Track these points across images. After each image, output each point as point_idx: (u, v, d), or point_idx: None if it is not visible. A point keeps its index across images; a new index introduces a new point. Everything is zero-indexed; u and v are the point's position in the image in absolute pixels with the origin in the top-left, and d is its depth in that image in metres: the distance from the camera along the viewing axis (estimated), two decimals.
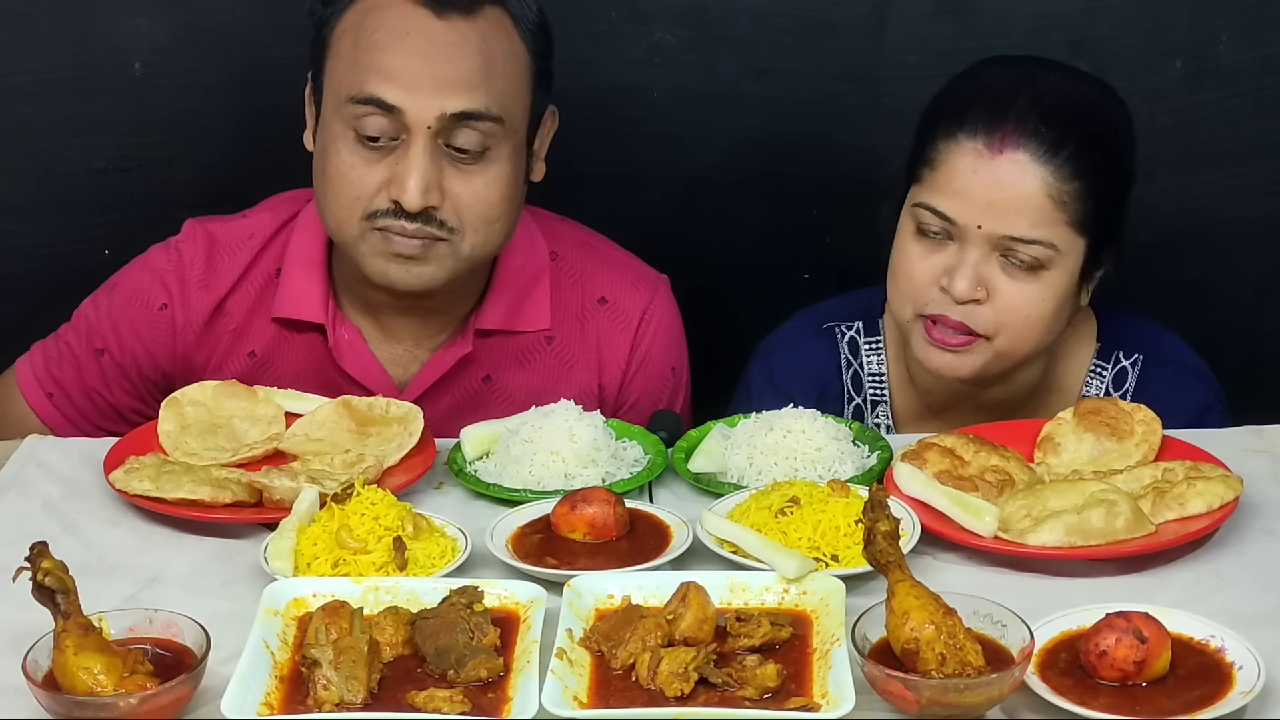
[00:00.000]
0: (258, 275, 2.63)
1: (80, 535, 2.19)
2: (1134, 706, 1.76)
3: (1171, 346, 2.63)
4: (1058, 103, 2.42)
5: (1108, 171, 2.43)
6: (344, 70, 2.43)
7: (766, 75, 3.06)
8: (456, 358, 2.60)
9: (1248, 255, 3.14)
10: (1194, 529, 2.10)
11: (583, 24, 3.01)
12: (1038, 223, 2.38)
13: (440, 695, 1.77)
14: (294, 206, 2.65)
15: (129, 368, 2.63)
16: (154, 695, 1.75)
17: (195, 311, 2.62)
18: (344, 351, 2.60)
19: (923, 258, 2.45)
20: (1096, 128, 2.44)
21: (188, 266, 2.62)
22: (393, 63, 2.40)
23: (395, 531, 2.06)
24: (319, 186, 2.49)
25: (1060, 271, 2.42)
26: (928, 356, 2.48)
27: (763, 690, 1.79)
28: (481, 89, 2.41)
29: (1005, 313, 2.42)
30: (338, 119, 2.44)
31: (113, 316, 2.64)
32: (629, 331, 2.67)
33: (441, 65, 2.40)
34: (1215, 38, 3.01)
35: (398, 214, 2.41)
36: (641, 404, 2.68)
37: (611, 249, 2.73)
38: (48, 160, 3.07)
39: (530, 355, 2.65)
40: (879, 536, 1.84)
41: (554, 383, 2.63)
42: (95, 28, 3.01)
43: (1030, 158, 2.38)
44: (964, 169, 2.40)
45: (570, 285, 2.67)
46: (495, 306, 2.61)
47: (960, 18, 3.00)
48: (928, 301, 2.45)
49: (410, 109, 2.39)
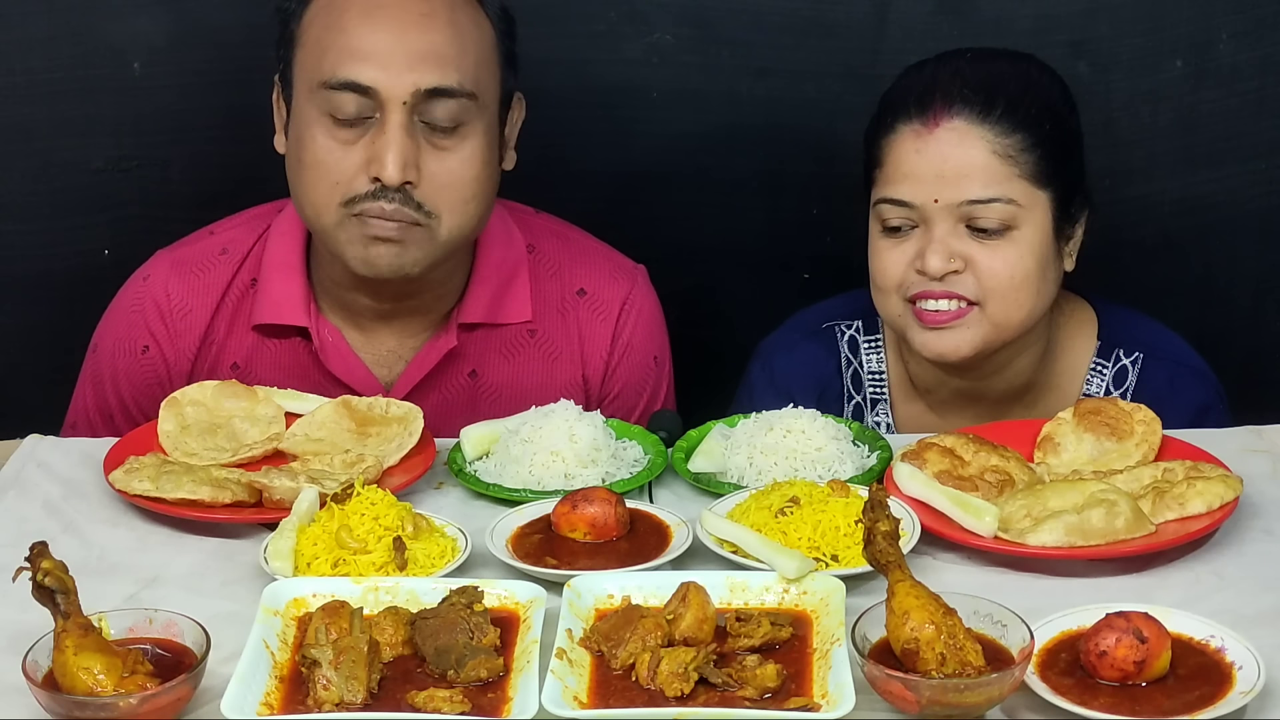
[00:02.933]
0: (236, 287, 2.63)
1: (80, 535, 2.19)
2: (1134, 706, 1.76)
3: (1172, 345, 2.64)
4: (979, 70, 2.49)
5: (1045, 122, 2.46)
6: (314, 57, 2.44)
7: (766, 75, 3.06)
8: (442, 353, 2.60)
9: (1248, 255, 3.14)
10: (1194, 529, 2.10)
11: (582, 24, 3.01)
12: (990, 181, 2.42)
13: (440, 695, 1.77)
14: (267, 219, 2.66)
15: (139, 416, 2.62)
16: (154, 695, 1.75)
17: (184, 340, 2.62)
18: (329, 353, 2.59)
19: (893, 250, 2.48)
20: (1023, 85, 2.48)
21: (162, 298, 2.62)
22: (365, 39, 2.40)
23: (395, 531, 2.06)
24: (295, 178, 2.49)
25: (1031, 229, 2.44)
26: (926, 343, 2.49)
27: (763, 690, 1.79)
28: (453, 64, 2.42)
29: (987, 277, 2.44)
30: (311, 106, 2.44)
31: (102, 375, 2.65)
32: (609, 322, 2.68)
33: (414, 38, 2.41)
34: (1215, 37, 3.01)
35: (376, 195, 2.41)
36: (626, 394, 2.69)
37: (587, 240, 2.74)
38: (47, 160, 3.07)
39: (514, 349, 2.65)
40: (879, 536, 1.84)
41: (539, 376, 2.63)
42: (94, 28, 3.01)
43: (966, 122, 2.43)
44: (908, 152, 2.45)
45: (549, 278, 2.67)
46: (477, 299, 2.61)
47: (960, 17, 3.00)
48: (909, 285, 2.47)
49: (384, 86, 2.39)
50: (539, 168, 2.82)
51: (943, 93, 2.45)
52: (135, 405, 2.63)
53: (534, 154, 2.65)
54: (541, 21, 2.96)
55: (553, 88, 2.98)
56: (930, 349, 2.49)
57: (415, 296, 2.56)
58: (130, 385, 2.64)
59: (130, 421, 2.61)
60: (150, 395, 2.60)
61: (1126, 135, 3.02)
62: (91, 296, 2.76)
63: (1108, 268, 2.70)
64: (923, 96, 2.46)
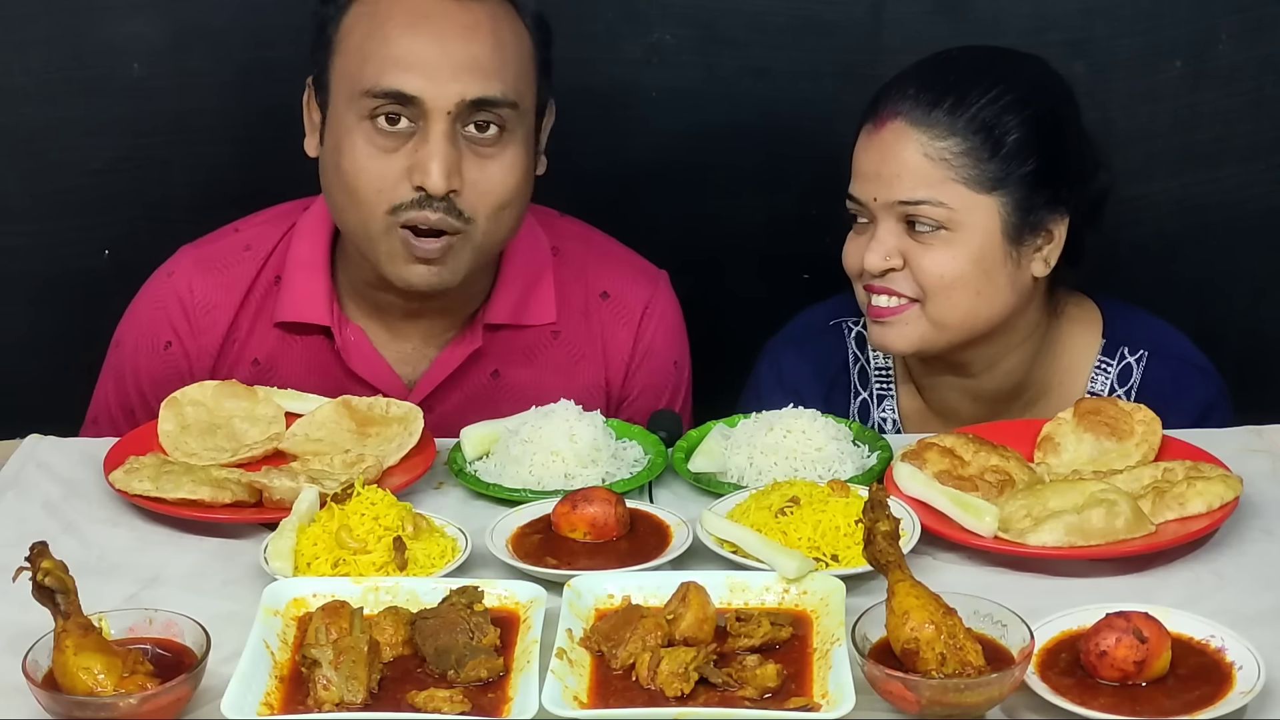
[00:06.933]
0: (260, 284, 2.62)
1: (80, 535, 2.19)
2: (1134, 706, 1.76)
3: (1176, 343, 2.64)
4: (936, 69, 2.51)
5: (1000, 128, 2.44)
6: (355, 64, 2.43)
7: (764, 75, 3.06)
8: (466, 353, 2.60)
9: (1247, 254, 3.14)
10: (1194, 529, 2.10)
11: (581, 24, 3.01)
12: (919, 184, 2.44)
13: (440, 695, 1.77)
14: (292, 217, 2.65)
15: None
16: (154, 695, 1.75)
17: (208, 337, 2.61)
18: (351, 352, 2.59)
19: (853, 242, 2.55)
20: (984, 89, 2.46)
21: (185, 294, 2.62)
22: (410, 48, 2.40)
23: (395, 531, 2.06)
24: (335, 187, 2.47)
25: (970, 232, 2.45)
26: (872, 335, 2.55)
27: (763, 690, 1.79)
28: (496, 75, 2.42)
29: (922, 276, 2.47)
30: (351, 113, 2.43)
31: (124, 371, 2.64)
32: (631, 325, 2.68)
33: (459, 48, 2.40)
34: (1215, 37, 3.01)
35: (421, 204, 2.41)
36: (645, 398, 2.69)
37: (611, 244, 2.74)
38: (47, 161, 3.07)
39: (537, 350, 2.65)
40: (879, 536, 1.84)
41: (561, 377, 2.63)
42: (94, 29, 3.01)
43: (906, 123, 2.46)
44: (860, 150, 2.51)
45: (573, 280, 2.67)
46: (503, 300, 2.61)
47: (957, 17, 3.00)
48: (864, 277, 2.52)
49: (429, 96, 2.38)
50: None
51: (895, 92, 2.48)
52: (157, 401, 2.60)
53: None
54: None
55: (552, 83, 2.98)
56: (874, 341, 2.55)
57: (444, 298, 2.55)
58: (152, 381, 2.63)
59: (152, 417, 2.59)
60: (172, 391, 2.60)
61: (1125, 135, 3.02)
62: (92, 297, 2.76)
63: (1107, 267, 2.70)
64: (878, 96, 2.50)
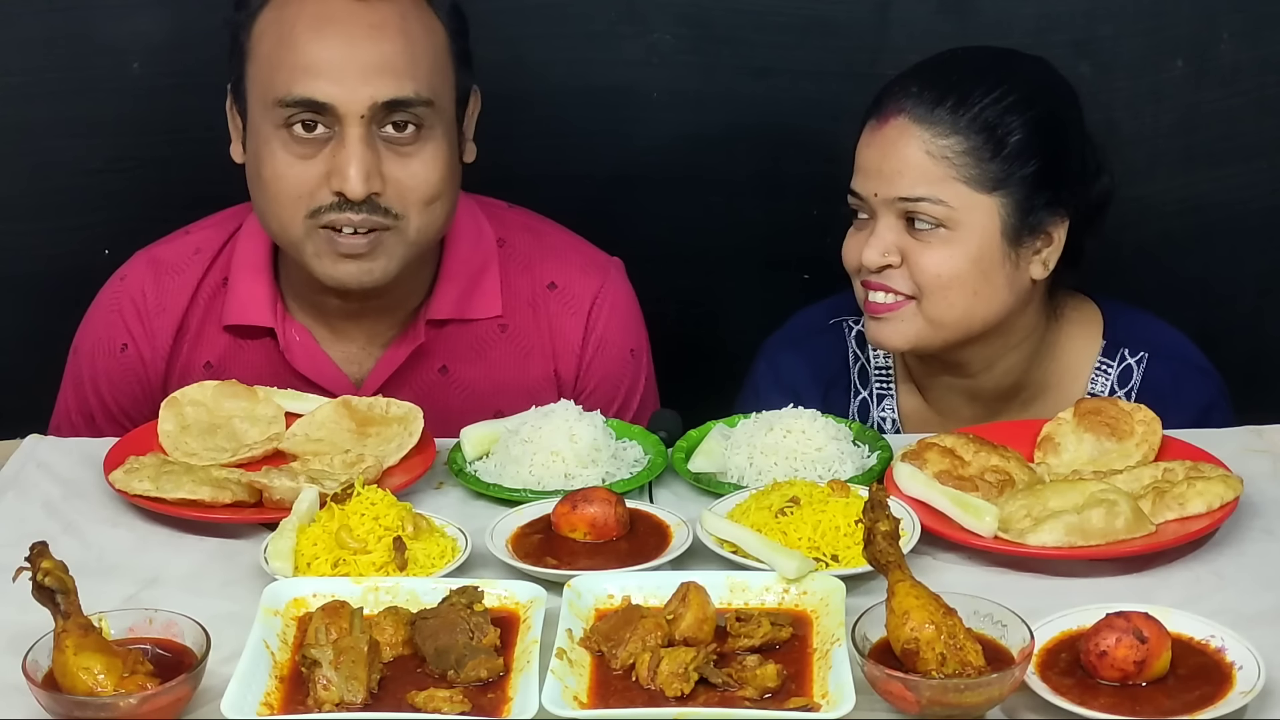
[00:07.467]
0: (207, 286, 2.63)
1: (80, 535, 2.19)
2: (1134, 706, 1.76)
3: (1177, 344, 2.63)
4: (940, 67, 2.51)
5: (1001, 126, 2.44)
6: (266, 72, 2.43)
7: (766, 74, 3.06)
8: (409, 351, 2.60)
9: (1249, 254, 3.14)
10: (1194, 529, 2.10)
11: (581, 24, 3.01)
12: (919, 180, 2.44)
13: (440, 695, 1.77)
14: (239, 218, 2.65)
15: (119, 416, 2.63)
16: (154, 695, 1.75)
17: (160, 338, 2.62)
18: (296, 353, 2.59)
19: (852, 238, 2.54)
20: (987, 89, 2.46)
21: (139, 297, 2.63)
22: (318, 54, 2.39)
23: (395, 531, 2.06)
24: (257, 193, 2.49)
25: (969, 231, 2.45)
26: (868, 331, 2.55)
27: (763, 690, 1.79)
28: (408, 74, 2.41)
29: (918, 273, 2.46)
30: (267, 122, 2.43)
31: (82, 377, 2.65)
32: (580, 316, 2.67)
33: (367, 50, 2.40)
34: (1216, 37, 3.01)
35: (342, 206, 2.41)
36: (602, 389, 2.68)
37: (560, 234, 2.72)
38: (46, 160, 3.07)
39: (485, 345, 2.64)
40: (879, 536, 1.83)
41: (511, 371, 2.63)
42: (93, 28, 3.01)
43: (909, 120, 2.45)
44: (862, 146, 2.51)
45: (519, 272, 2.66)
46: (445, 296, 2.61)
47: (962, 17, 3.00)
48: (863, 273, 2.52)
49: (340, 102, 2.38)
50: (538, 167, 2.82)
51: (899, 89, 2.48)
52: (116, 405, 2.63)
53: (533, 154, 2.65)
54: (541, 21, 2.96)
55: (552, 88, 2.98)
56: (871, 337, 2.55)
57: (383, 296, 2.55)
58: (110, 385, 2.64)
59: (112, 422, 2.62)
60: (130, 394, 2.61)
61: (1127, 135, 3.02)
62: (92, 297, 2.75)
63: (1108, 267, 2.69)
64: (883, 93, 2.50)
